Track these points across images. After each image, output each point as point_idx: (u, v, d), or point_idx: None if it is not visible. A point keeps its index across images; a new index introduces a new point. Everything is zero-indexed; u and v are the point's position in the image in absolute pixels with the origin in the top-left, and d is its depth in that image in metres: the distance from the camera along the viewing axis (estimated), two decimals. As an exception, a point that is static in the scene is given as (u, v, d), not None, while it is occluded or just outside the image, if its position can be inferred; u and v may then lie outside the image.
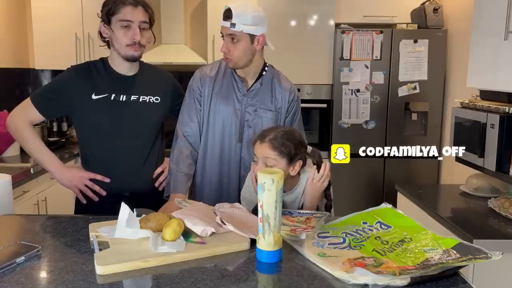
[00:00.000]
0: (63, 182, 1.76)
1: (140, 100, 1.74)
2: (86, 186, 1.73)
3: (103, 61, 1.76)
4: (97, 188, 1.73)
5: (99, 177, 1.73)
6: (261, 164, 1.47)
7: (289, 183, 1.54)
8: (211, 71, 1.79)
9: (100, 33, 1.71)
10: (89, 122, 1.73)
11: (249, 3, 1.72)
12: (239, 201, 1.70)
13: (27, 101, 1.73)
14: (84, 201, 1.75)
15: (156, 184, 1.82)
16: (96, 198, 1.74)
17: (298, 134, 1.55)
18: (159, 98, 1.78)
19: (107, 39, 1.71)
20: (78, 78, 1.71)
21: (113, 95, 1.71)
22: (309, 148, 1.54)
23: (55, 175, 1.76)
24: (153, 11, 1.72)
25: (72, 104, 1.71)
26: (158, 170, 1.82)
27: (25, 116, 1.72)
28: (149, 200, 1.66)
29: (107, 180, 1.73)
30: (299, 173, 1.56)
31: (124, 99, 1.72)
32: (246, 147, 1.76)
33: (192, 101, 1.78)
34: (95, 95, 1.69)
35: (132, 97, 1.73)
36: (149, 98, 1.76)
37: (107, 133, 1.72)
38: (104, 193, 1.73)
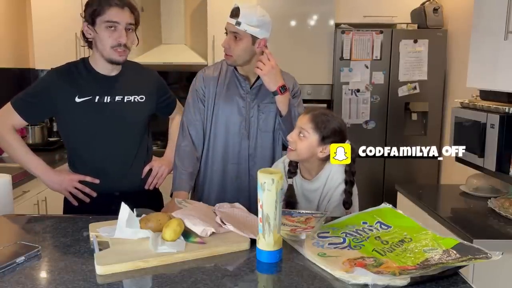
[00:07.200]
0: (53, 186, 1.72)
1: (125, 101, 1.71)
2: (76, 188, 1.71)
3: (84, 61, 1.71)
4: (87, 189, 1.71)
5: (88, 178, 1.71)
6: (296, 131, 1.51)
7: (314, 168, 1.54)
8: (213, 72, 1.82)
9: (83, 34, 1.66)
10: (74, 124, 1.69)
11: (258, 6, 1.74)
12: (248, 200, 1.71)
13: (8, 106, 1.68)
14: (76, 203, 1.72)
15: (146, 187, 1.81)
16: (87, 200, 1.72)
17: (343, 126, 1.55)
18: (144, 97, 1.75)
19: (90, 39, 1.66)
20: (60, 81, 1.66)
21: (97, 97, 1.67)
22: (347, 142, 1.50)
23: (44, 179, 1.73)
24: (139, 13, 1.69)
25: (55, 108, 1.67)
26: (146, 168, 1.81)
27: (7, 122, 1.67)
28: (140, 199, 1.60)
29: (97, 181, 1.71)
30: (325, 162, 1.54)
31: (108, 101, 1.68)
32: (253, 144, 1.78)
33: (196, 101, 1.80)
34: (79, 97, 1.65)
35: (117, 98, 1.70)
36: (134, 98, 1.73)
37: (93, 135, 1.70)
38: (94, 194, 1.72)
